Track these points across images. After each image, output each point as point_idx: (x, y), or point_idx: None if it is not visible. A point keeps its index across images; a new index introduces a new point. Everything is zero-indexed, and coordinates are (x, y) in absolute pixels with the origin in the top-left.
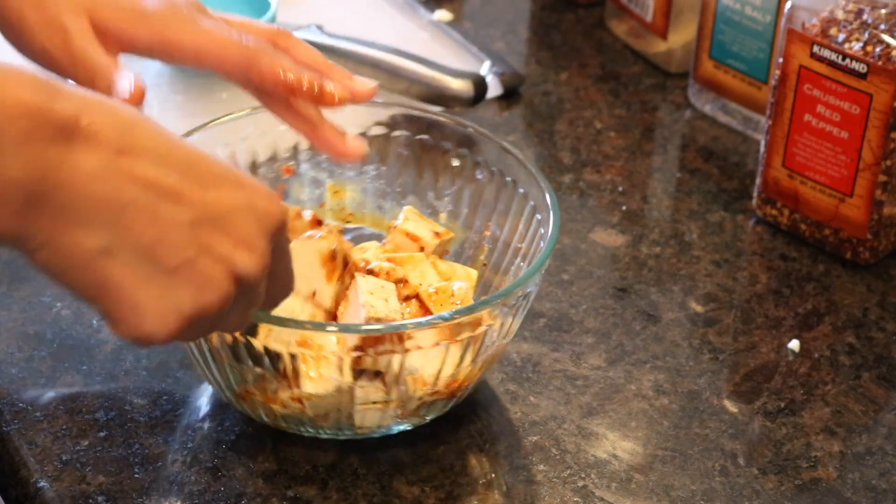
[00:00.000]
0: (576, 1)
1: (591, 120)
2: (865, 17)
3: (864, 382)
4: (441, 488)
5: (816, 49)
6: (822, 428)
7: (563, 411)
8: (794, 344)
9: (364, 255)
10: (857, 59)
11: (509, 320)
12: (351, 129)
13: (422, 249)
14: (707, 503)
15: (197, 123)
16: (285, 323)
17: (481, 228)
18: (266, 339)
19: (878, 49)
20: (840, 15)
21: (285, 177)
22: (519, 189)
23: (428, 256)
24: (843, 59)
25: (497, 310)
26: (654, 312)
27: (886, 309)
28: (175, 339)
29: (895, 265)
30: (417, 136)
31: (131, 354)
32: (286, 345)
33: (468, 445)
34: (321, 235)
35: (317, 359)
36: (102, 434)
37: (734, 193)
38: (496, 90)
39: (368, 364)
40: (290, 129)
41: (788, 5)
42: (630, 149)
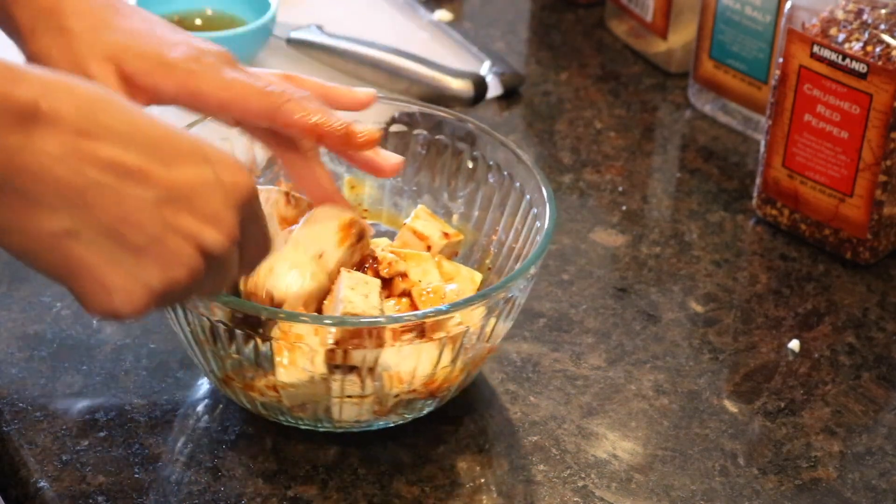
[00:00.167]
0: (576, 1)
1: (591, 120)
2: (865, 17)
3: (864, 382)
4: (441, 488)
5: (816, 49)
6: (822, 428)
7: (563, 411)
8: (794, 344)
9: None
10: (857, 59)
11: (491, 323)
12: (370, 126)
13: (429, 249)
14: (707, 503)
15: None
16: (259, 311)
17: (490, 232)
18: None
19: (878, 49)
20: (840, 15)
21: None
22: (515, 183)
23: (434, 256)
24: (843, 59)
25: (475, 312)
26: (654, 312)
27: (886, 309)
28: (147, 313)
29: (895, 265)
30: (436, 136)
31: (131, 354)
32: (258, 331)
33: (468, 445)
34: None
35: (291, 348)
36: (102, 434)
37: (734, 193)
38: (496, 90)
39: (339, 357)
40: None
41: (788, 5)
42: (630, 149)
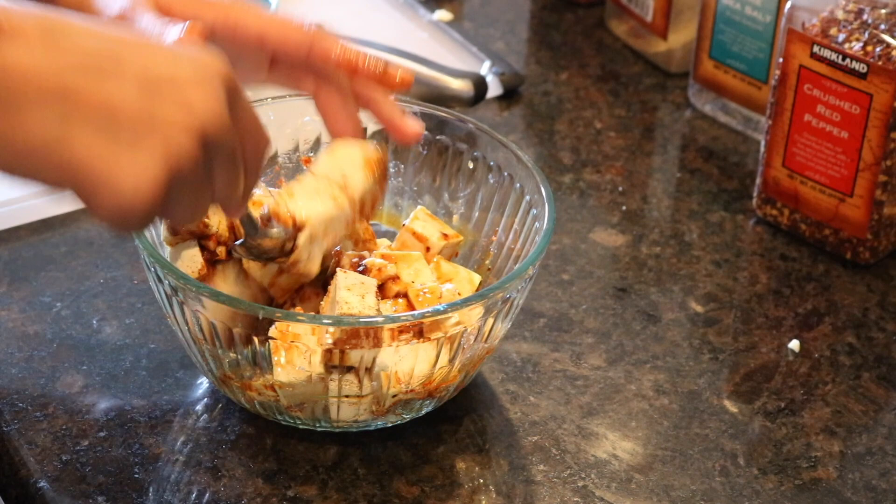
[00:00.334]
0: (576, 1)
1: (591, 120)
2: (865, 17)
3: (864, 382)
4: (441, 488)
5: (816, 49)
6: (822, 428)
7: (563, 411)
8: (794, 344)
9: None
10: (857, 59)
11: (489, 323)
12: (371, 126)
13: (428, 250)
14: (707, 503)
15: None
16: (257, 311)
17: (490, 233)
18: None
19: (878, 49)
20: (840, 15)
21: (306, 167)
22: (515, 184)
23: (433, 257)
24: (843, 59)
25: (472, 312)
26: (654, 312)
27: (886, 309)
28: (161, 208)
29: (895, 265)
30: (437, 137)
31: (131, 354)
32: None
33: (468, 445)
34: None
35: (288, 348)
36: (102, 434)
37: (734, 193)
38: (496, 90)
39: (336, 357)
40: (324, 121)
41: (788, 5)
42: (630, 149)
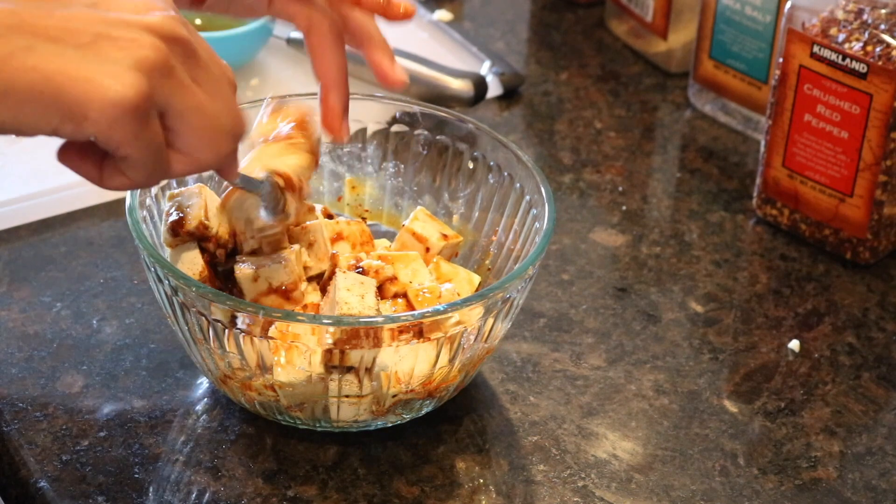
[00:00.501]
0: (576, 1)
1: (591, 120)
2: (865, 17)
3: (864, 382)
4: (441, 488)
5: (816, 49)
6: (822, 428)
7: (563, 411)
8: (794, 344)
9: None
10: (857, 59)
11: (489, 323)
12: (371, 126)
13: (428, 251)
14: (707, 503)
15: None
16: (256, 310)
17: (490, 233)
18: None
19: (878, 49)
20: (840, 15)
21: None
22: (515, 184)
23: (432, 258)
24: (843, 59)
25: (472, 312)
26: (654, 312)
27: (886, 309)
28: (148, 95)
29: (895, 265)
30: (437, 136)
31: (131, 354)
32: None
33: (468, 445)
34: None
35: (288, 348)
36: (102, 434)
37: (734, 193)
38: (496, 90)
39: (336, 357)
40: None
41: (788, 5)
42: (630, 149)
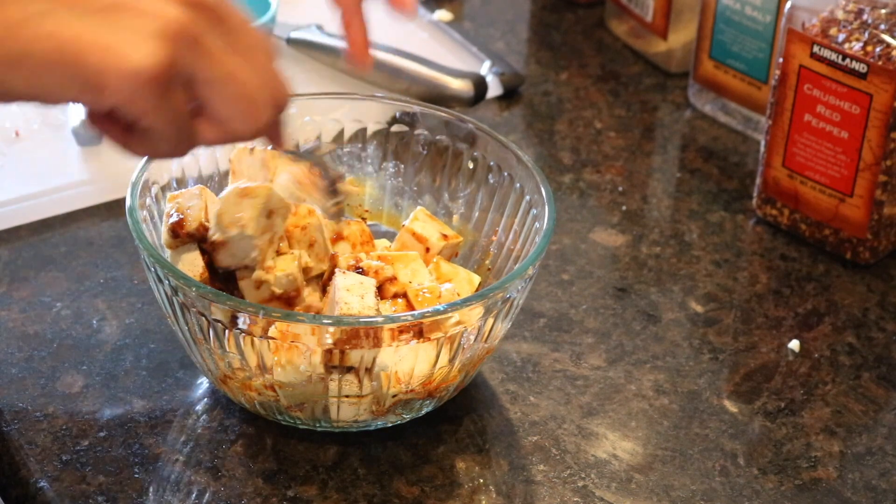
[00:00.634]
0: (576, 1)
1: (591, 120)
2: (865, 17)
3: (864, 382)
4: (441, 488)
5: (816, 49)
6: (822, 428)
7: (563, 411)
8: (794, 344)
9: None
10: (857, 59)
11: (489, 323)
12: (371, 126)
13: (428, 251)
14: (707, 503)
15: None
16: (257, 311)
17: (490, 233)
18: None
19: (878, 49)
20: (840, 15)
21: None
22: (515, 184)
23: (432, 258)
24: (843, 59)
25: (472, 312)
26: (654, 312)
27: (886, 309)
28: (169, 64)
29: (895, 265)
30: (437, 136)
31: (131, 354)
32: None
33: (468, 445)
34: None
35: (288, 348)
36: (102, 434)
37: (734, 193)
38: (496, 90)
39: (336, 357)
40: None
41: (788, 5)
42: (630, 149)
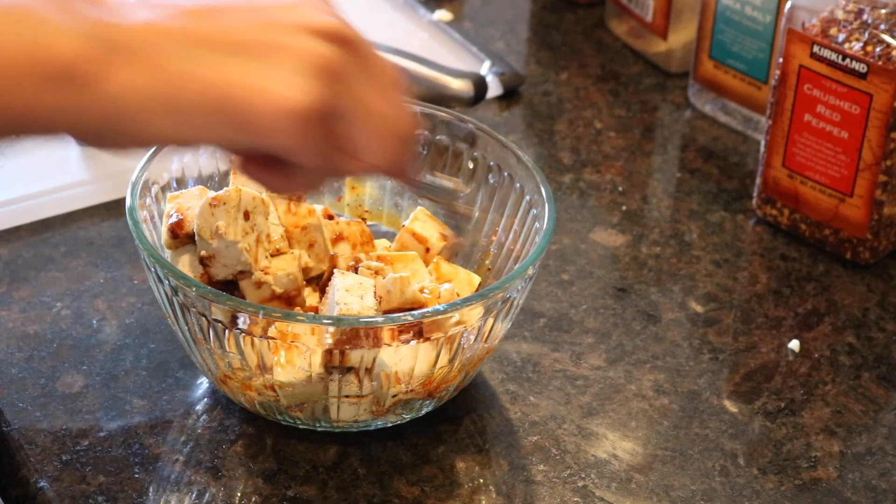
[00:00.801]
0: (576, 1)
1: (591, 120)
2: (865, 17)
3: (864, 382)
4: (441, 488)
5: (816, 49)
6: (822, 428)
7: (563, 411)
8: (794, 344)
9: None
10: (857, 59)
11: (489, 323)
12: None
13: (428, 251)
14: (707, 503)
15: None
16: (257, 311)
17: (490, 233)
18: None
19: (878, 49)
20: (840, 15)
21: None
22: (515, 184)
23: (432, 258)
24: (843, 59)
25: (472, 312)
26: (654, 312)
27: (886, 309)
28: (320, 100)
29: (895, 265)
30: (437, 136)
31: (131, 354)
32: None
33: (468, 445)
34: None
35: (288, 348)
36: (102, 434)
37: (734, 193)
38: (496, 90)
39: (336, 358)
40: None
41: (788, 5)
42: (630, 149)
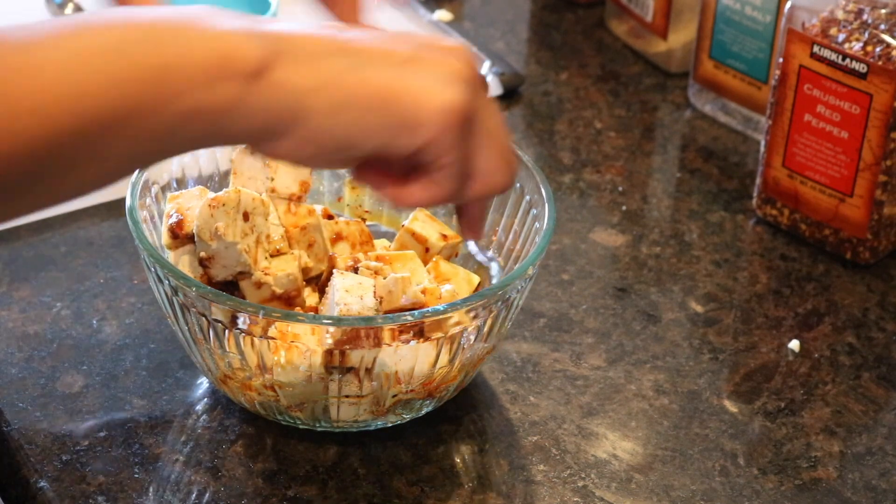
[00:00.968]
0: (576, 1)
1: (591, 120)
2: (865, 17)
3: (864, 382)
4: (441, 488)
5: (816, 49)
6: (822, 428)
7: (563, 411)
8: (794, 344)
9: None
10: (857, 59)
11: (489, 323)
12: None
13: (427, 251)
14: (707, 503)
15: None
16: (256, 310)
17: (490, 234)
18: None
19: (878, 49)
20: (840, 15)
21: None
22: (515, 184)
23: (432, 258)
24: (843, 59)
25: (472, 312)
26: (654, 312)
27: (886, 309)
28: (470, 103)
29: (895, 265)
30: None
31: (131, 354)
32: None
33: (468, 445)
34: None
35: (288, 348)
36: (102, 434)
37: (734, 193)
38: (496, 90)
39: (336, 358)
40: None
41: (788, 5)
42: (630, 149)
